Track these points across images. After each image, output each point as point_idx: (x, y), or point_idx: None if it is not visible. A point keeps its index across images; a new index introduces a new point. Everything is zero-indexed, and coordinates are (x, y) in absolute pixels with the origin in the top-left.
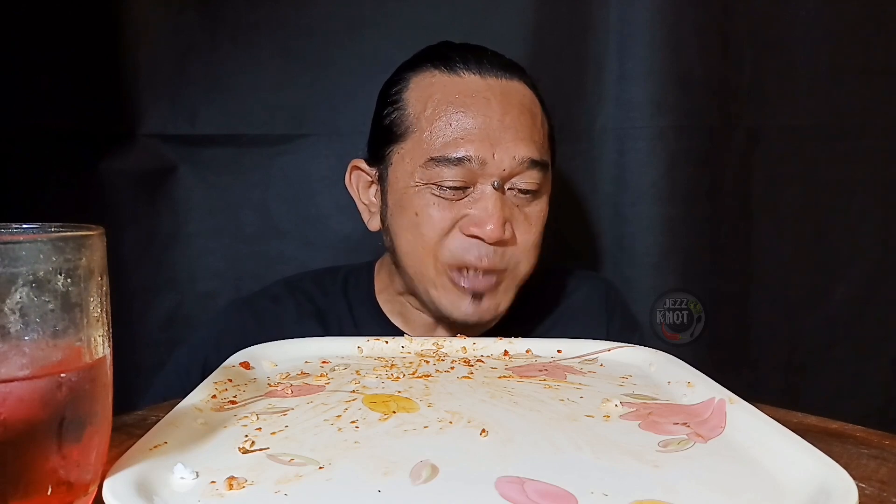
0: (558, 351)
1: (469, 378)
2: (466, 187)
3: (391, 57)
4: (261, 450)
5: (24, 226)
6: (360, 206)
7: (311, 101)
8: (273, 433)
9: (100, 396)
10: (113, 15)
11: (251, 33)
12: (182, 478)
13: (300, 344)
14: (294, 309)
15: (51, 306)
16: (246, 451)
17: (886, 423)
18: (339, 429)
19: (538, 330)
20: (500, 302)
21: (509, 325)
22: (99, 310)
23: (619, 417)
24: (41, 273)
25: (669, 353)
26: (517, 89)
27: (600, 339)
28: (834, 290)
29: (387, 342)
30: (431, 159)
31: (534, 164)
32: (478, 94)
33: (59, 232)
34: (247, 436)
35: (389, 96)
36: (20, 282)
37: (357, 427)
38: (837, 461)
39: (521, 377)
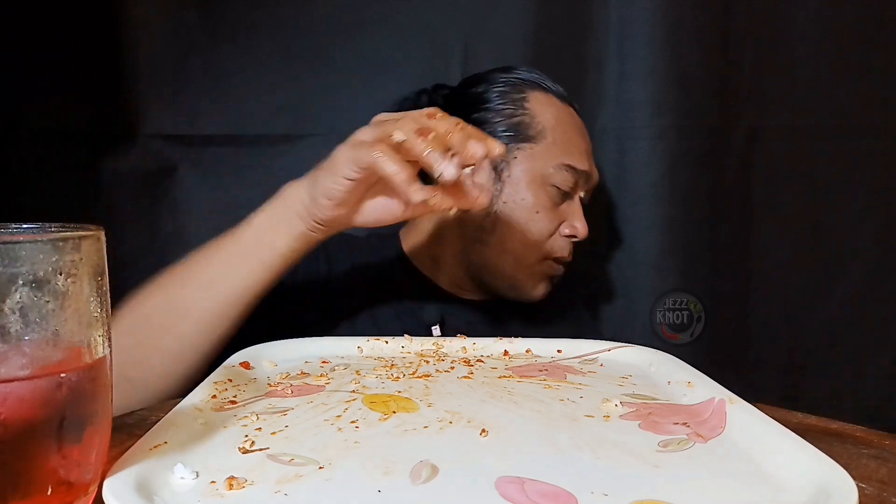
0: (558, 351)
1: (469, 378)
2: (569, 195)
3: (391, 57)
4: (261, 450)
5: (24, 226)
6: None
7: (311, 101)
8: (273, 433)
9: (100, 396)
10: (113, 15)
11: (251, 33)
12: (182, 478)
13: (300, 344)
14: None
15: (51, 306)
16: (246, 451)
17: (886, 423)
18: (339, 429)
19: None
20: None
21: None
22: (99, 310)
23: (619, 417)
24: (41, 273)
25: (669, 353)
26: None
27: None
28: (834, 290)
29: (387, 342)
30: (564, 165)
31: (594, 184)
32: (576, 122)
33: (59, 232)
34: (247, 436)
35: (512, 100)
36: (20, 282)
37: (357, 427)
38: (837, 461)
39: (521, 377)
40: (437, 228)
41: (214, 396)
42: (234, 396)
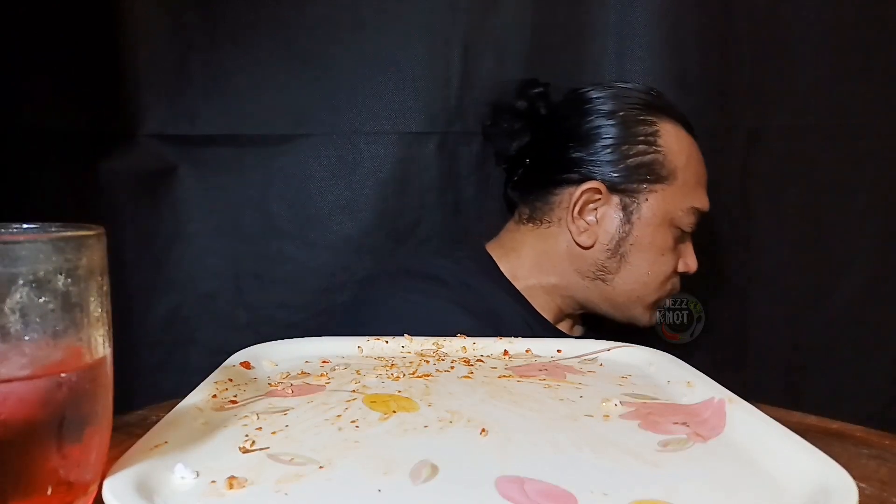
0: (558, 350)
1: (469, 378)
2: (685, 233)
3: (391, 57)
4: (261, 449)
5: (24, 226)
6: (578, 221)
7: (311, 101)
8: (273, 433)
9: (100, 396)
10: (113, 15)
11: (251, 33)
12: (182, 477)
13: (300, 343)
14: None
15: (51, 306)
16: (246, 451)
17: (886, 423)
18: (340, 428)
19: None
20: None
21: None
22: (99, 310)
23: (618, 417)
24: (41, 273)
25: (669, 353)
26: None
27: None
28: (834, 290)
29: (387, 342)
30: (694, 209)
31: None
32: (700, 155)
33: (59, 232)
34: (247, 435)
35: (643, 135)
36: (20, 282)
37: (357, 426)
38: (837, 461)
39: (520, 377)
40: (544, 259)
41: (215, 396)
42: (235, 396)
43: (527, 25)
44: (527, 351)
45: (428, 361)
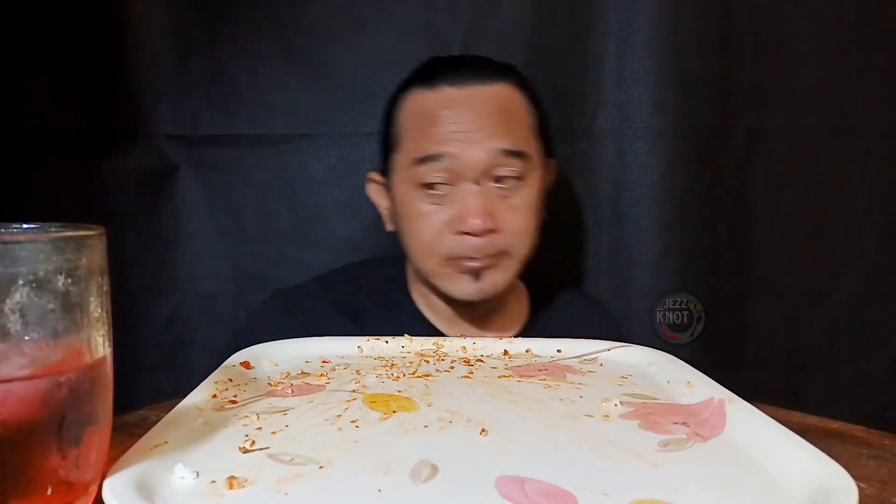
0: (558, 350)
1: (469, 378)
2: (449, 185)
3: (391, 57)
4: (261, 449)
5: (25, 226)
6: (381, 212)
7: (311, 101)
8: (273, 433)
9: (100, 396)
10: (114, 15)
11: (251, 33)
12: (182, 477)
13: (300, 343)
14: (331, 307)
15: (51, 306)
16: (246, 451)
17: (886, 423)
18: (340, 428)
19: None
20: (498, 280)
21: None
22: (99, 310)
23: (618, 417)
24: (41, 273)
25: (669, 353)
26: (493, 93)
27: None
28: (834, 290)
29: (387, 342)
30: (416, 160)
31: (508, 153)
32: (453, 103)
33: (59, 232)
34: (247, 435)
35: (387, 116)
36: (20, 282)
37: (357, 427)
38: (837, 461)
39: (520, 377)
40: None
41: (215, 396)
42: (235, 396)
43: (527, 25)
44: (527, 351)
45: (428, 361)
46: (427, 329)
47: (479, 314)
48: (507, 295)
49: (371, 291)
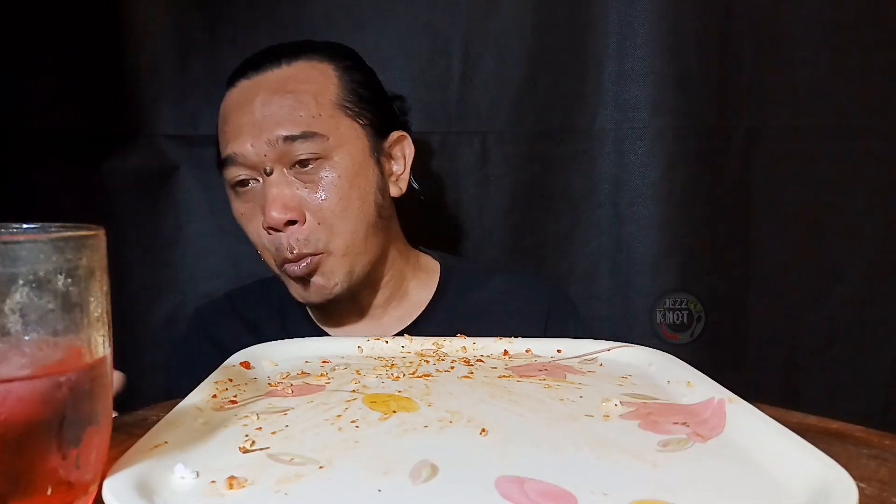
0: (558, 350)
1: (469, 378)
2: (251, 182)
3: (391, 56)
4: (261, 449)
5: (25, 226)
6: None
7: None
8: (273, 433)
9: (100, 396)
10: (114, 15)
11: (251, 33)
12: (182, 477)
13: (300, 343)
14: (235, 324)
15: (51, 306)
16: (246, 451)
17: (886, 423)
18: (340, 428)
19: (469, 330)
20: (333, 280)
21: (434, 326)
22: (99, 310)
23: (618, 417)
24: (41, 273)
25: (669, 353)
26: (280, 76)
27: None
28: (834, 290)
29: (387, 342)
30: (217, 165)
31: (293, 139)
32: (242, 96)
33: (59, 232)
34: (247, 435)
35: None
36: (20, 282)
37: (357, 426)
38: (837, 461)
39: (520, 377)
40: None
41: (215, 396)
42: (235, 396)
43: (527, 25)
44: (527, 351)
45: (428, 361)
46: (319, 334)
47: (352, 312)
48: (381, 277)
49: (271, 303)
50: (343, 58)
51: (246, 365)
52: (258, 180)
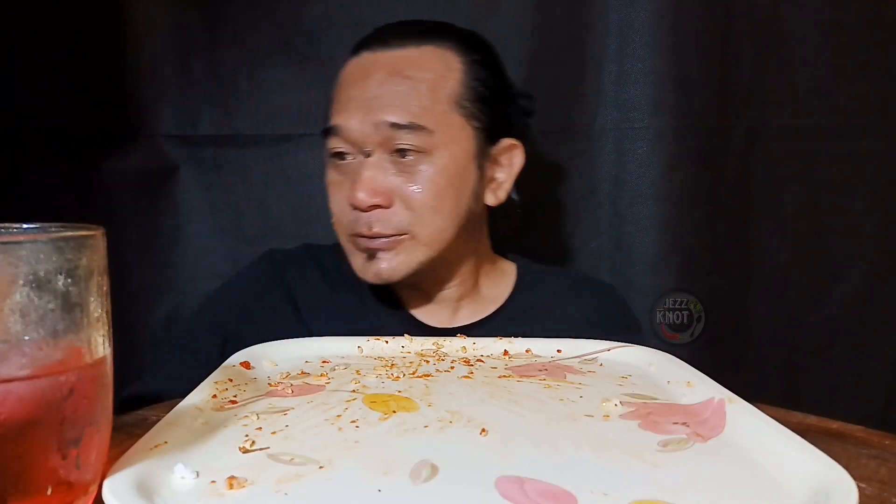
0: (558, 351)
1: (469, 378)
2: (350, 156)
3: None
4: (261, 449)
5: (25, 226)
6: None
7: (311, 101)
8: (273, 433)
9: (100, 396)
10: (114, 15)
11: (251, 33)
12: (182, 477)
13: (300, 343)
14: (313, 271)
15: (51, 306)
16: (246, 451)
17: (886, 423)
18: (340, 428)
19: (537, 332)
20: (397, 264)
21: (506, 322)
22: (99, 310)
23: (618, 417)
24: (42, 273)
25: (669, 353)
26: (404, 58)
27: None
28: (834, 290)
29: (387, 342)
30: (323, 131)
31: (398, 127)
32: (362, 69)
33: (59, 232)
34: (247, 435)
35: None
36: (20, 282)
37: (357, 426)
38: (837, 461)
39: (520, 377)
40: None
41: (215, 396)
42: (235, 396)
43: (527, 25)
44: (527, 351)
45: (428, 361)
46: (384, 305)
47: (419, 298)
48: (453, 277)
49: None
50: (473, 51)
51: (246, 365)
52: (356, 157)
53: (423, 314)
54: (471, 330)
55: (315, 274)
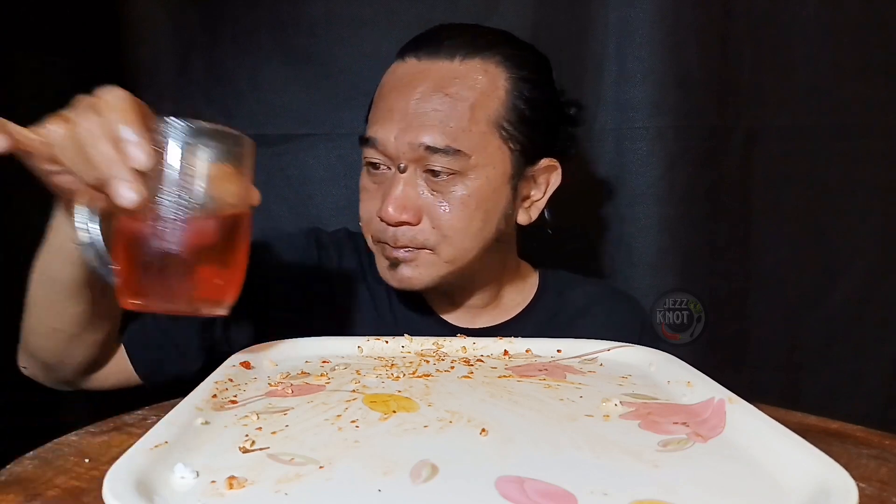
0: (558, 351)
1: (469, 378)
2: (383, 167)
3: (391, 56)
4: (261, 449)
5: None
6: None
7: (311, 101)
8: (273, 433)
9: (242, 238)
10: (114, 15)
11: (251, 33)
12: (182, 477)
13: (300, 343)
14: (350, 249)
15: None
16: (246, 451)
17: (886, 423)
18: (340, 428)
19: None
20: (416, 276)
21: (527, 328)
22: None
23: (618, 417)
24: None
25: (669, 353)
26: (448, 72)
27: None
28: (834, 290)
29: (387, 342)
30: (361, 138)
31: (434, 150)
32: (406, 78)
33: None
34: (247, 435)
35: None
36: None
37: (357, 426)
38: (837, 461)
39: (520, 377)
40: None
41: (215, 396)
42: (235, 396)
43: (527, 25)
44: (527, 351)
45: (428, 361)
46: (410, 300)
47: (444, 303)
48: (476, 288)
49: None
50: (521, 66)
51: (246, 365)
52: (390, 169)
53: (446, 315)
54: (494, 333)
55: (353, 260)
